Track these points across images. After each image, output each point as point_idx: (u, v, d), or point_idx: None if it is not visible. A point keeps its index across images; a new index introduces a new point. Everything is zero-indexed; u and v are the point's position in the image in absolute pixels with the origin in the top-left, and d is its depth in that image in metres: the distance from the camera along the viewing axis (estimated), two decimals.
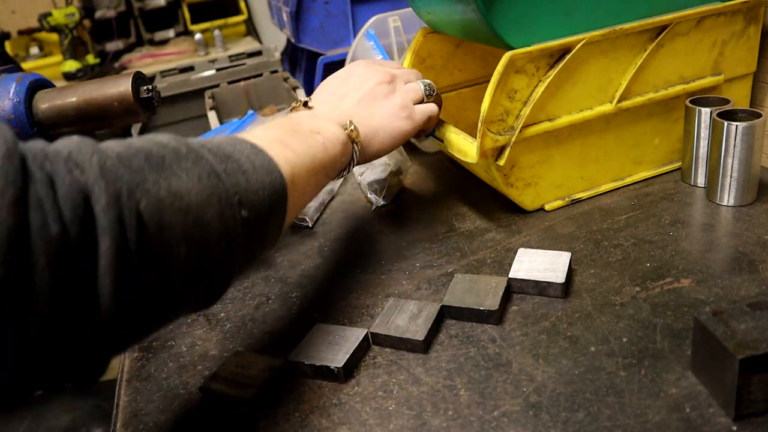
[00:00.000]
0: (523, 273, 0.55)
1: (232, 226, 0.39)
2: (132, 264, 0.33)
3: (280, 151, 0.47)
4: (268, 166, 0.44)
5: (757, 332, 0.39)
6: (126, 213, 0.33)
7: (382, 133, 0.60)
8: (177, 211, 0.36)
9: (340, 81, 0.62)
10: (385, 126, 0.60)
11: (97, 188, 0.32)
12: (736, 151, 0.61)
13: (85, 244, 0.31)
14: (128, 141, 0.38)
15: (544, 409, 0.43)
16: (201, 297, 0.40)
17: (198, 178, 0.38)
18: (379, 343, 0.52)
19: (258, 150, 0.45)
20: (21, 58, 2.65)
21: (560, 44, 0.61)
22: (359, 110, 0.59)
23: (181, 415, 0.49)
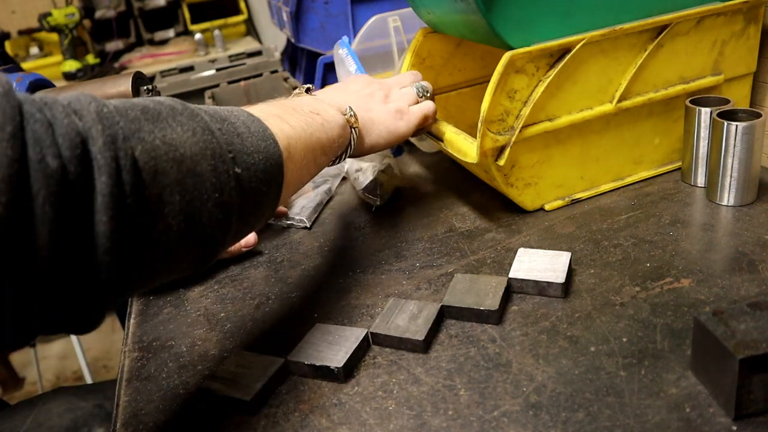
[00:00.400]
0: (523, 273, 0.55)
1: (225, 180, 0.40)
2: (128, 205, 0.34)
3: (277, 124, 0.48)
4: (264, 133, 0.45)
5: (757, 332, 0.39)
6: (122, 155, 0.34)
7: (379, 127, 0.62)
8: (171, 160, 0.37)
9: (340, 85, 0.67)
10: (382, 121, 0.62)
11: (94, 131, 0.33)
12: (736, 151, 0.61)
13: (83, 182, 0.32)
14: (126, 99, 0.39)
15: (544, 409, 0.43)
16: (195, 253, 0.40)
17: (192, 132, 0.39)
18: (379, 343, 0.52)
19: (254, 119, 0.46)
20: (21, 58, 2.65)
21: (560, 44, 0.61)
22: (359, 103, 0.62)
23: (181, 415, 0.49)
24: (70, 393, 0.79)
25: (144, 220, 0.35)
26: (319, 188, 0.82)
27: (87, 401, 0.77)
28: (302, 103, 0.55)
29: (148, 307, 0.64)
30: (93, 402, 0.77)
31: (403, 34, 0.96)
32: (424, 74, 0.81)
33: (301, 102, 0.55)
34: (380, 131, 0.62)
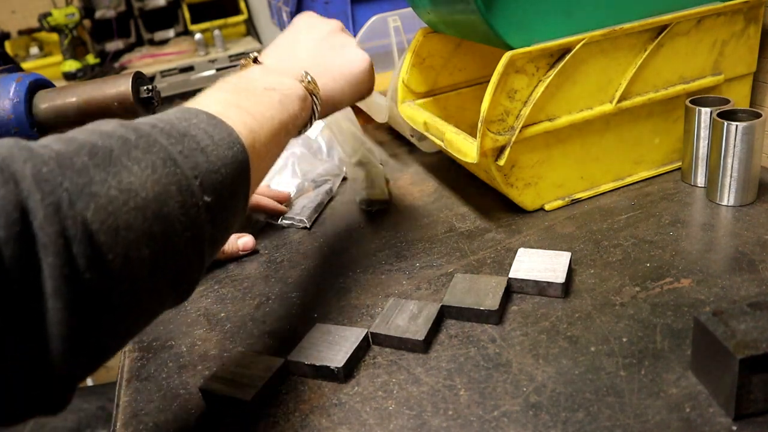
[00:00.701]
0: (523, 273, 0.55)
1: (195, 214, 0.36)
2: (85, 281, 0.29)
3: (238, 118, 0.43)
4: (229, 138, 0.40)
5: (757, 332, 0.39)
6: (69, 225, 0.29)
7: (341, 82, 0.56)
8: (132, 209, 0.32)
9: (289, 34, 0.59)
10: (344, 73, 0.57)
11: (32, 201, 0.28)
12: (736, 151, 0.61)
13: (27, 264, 0.27)
14: (70, 134, 0.34)
15: (544, 409, 0.43)
16: (171, 296, 0.37)
17: (152, 169, 0.34)
18: (379, 343, 0.52)
19: (215, 121, 0.41)
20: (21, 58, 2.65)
21: (560, 44, 0.61)
22: (315, 59, 0.55)
23: (181, 415, 0.49)
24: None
25: (108, 288, 0.31)
26: (320, 188, 0.82)
27: (90, 403, 0.77)
28: (254, 79, 0.49)
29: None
30: (96, 404, 0.77)
31: (403, 34, 0.96)
32: (424, 74, 0.82)
33: (253, 78, 0.49)
34: (343, 86, 0.56)
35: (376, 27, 0.99)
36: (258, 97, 0.47)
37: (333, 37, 0.58)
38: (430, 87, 0.83)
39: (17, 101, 0.58)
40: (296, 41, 0.57)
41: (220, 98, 0.45)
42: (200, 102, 0.44)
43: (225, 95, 0.46)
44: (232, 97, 0.46)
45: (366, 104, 0.95)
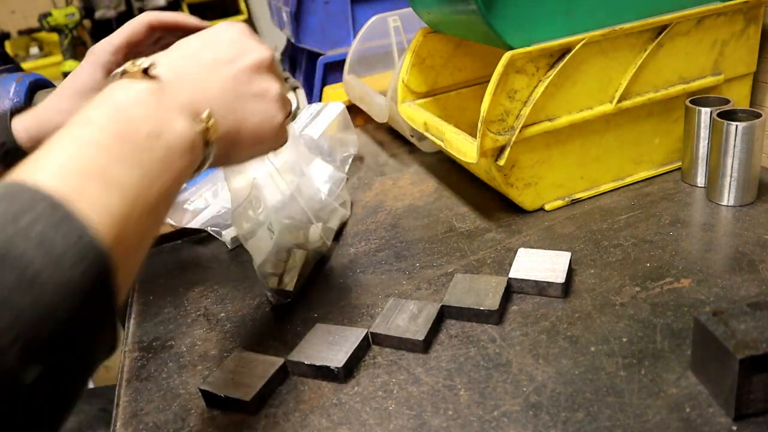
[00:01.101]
0: (523, 273, 0.55)
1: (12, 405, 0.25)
2: None
3: (98, 199, 0.30)
4: (77, 246, 0.28)
5: (757, 332, 0.39)
6: None
7: (247, 140, 0.43)
8: None
9: (206, 43, 0.43)
10: (254, 132, 0.43)
11: None
12: (736, 151, 0.61)
13: None
14: None
15: (544, 409, 0.43)
16: None
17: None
18: (379, 343, 0.52)
19: (60, 215, 0.28)
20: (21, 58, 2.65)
21: (560, 44, 0.61)
22: (227, 101, 0.41)
23: (181, 415, 0.49)
24: None
25: None
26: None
27: (91, 405, 0.77)
28: (135, 117, 0.35)
29: (148, 307, 0.64)
30: (97, 406, 0.77)
31: (403, 34, 0.96)
32: (424, 74, 0.82)
33: (134, 116, 0.35)
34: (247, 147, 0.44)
35: (376, 27, 0.99)
36: (135, 152, 0.33)
37: (257, 79, 0.43)
38: (430, 87, 0.83)
39: (17, 101, 0.59)
40: (213, 64, 0.42)
41: (78, 161, 0.31)
42: (45, 166, 0.30)
43: (87, 151, 0.32)
44: (97, 157, 0.32)
45: (366, 104, 0.95)
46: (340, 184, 0.75)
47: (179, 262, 0.72)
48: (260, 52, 0.44)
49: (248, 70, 0.43)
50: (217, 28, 0.45)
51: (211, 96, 0.40)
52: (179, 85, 0.39)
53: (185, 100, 0.38)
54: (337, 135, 0.89)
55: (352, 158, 0.89)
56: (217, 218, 0.76)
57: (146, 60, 0.38)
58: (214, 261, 0.71)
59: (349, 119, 0.90)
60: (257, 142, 0.44)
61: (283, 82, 0.47)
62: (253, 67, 0.43)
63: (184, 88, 0.39)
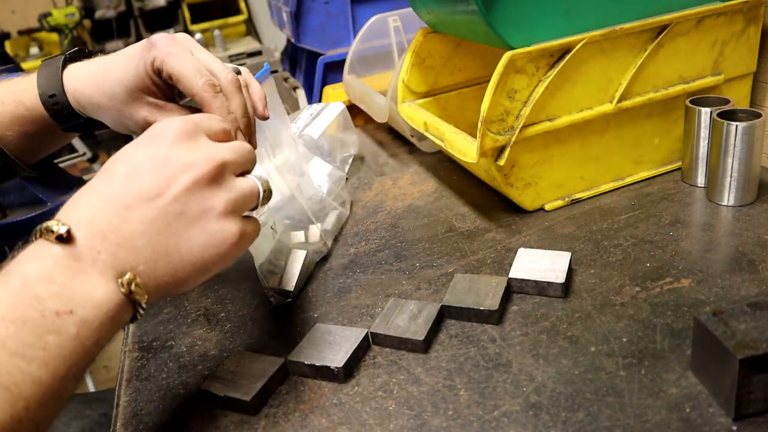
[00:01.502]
0: (523, 273, 0.55)
1: None
2: None
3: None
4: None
5: (757, 332, 0.39)
6: None
7: (186, 272, 0.39)
8: None
9: (130, 174, 0.38)
10: (194, 262, 0.39)
11: None
12: (736, 151, 0.61)
13: None
14: None
15: (544, 409, 0.43)
16: None
17: None
18: (379, 343, 0.52)
19: None
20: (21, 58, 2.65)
21: (560, 44, 0.61)
22: (154, 239, 0.37)
23: (181, 415, 0.49)
24: (78, 401, 0.79)
25: None
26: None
27: (93, 409, 0.77)
28: (40, 292, 0.33)
29: (148, 307, 0.64)
30: (99, 410, 0.77)
31: (403, 34, 0.96)
32: (424, 74, 0.81)
33: (39, 291, 0.33)
34: (187, 278, 0.39)
35: (376, 27, 0.99)
36: (38, 339, 0.32)
37: (193, 201, 0.38)
38: (430, 87, 0.83)
39: None
40: (136, 204, 0.37)
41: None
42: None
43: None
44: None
45: (366, 104, 0.95)
46: (340, 183, 0.75)
47: None
48: (195, 169, 0.38)
49: (180, 197, 0.38)
50: (143, 142, 0.39)
51: (137, 246, 0.36)
52: (99, 245, 0.35)
53: (105, 262, 0.35)
54: (337, 135, 0.89)
55: (352, 158, 0.89)
56: None
57: (62, 225, 0.35)
58: None
59: (350, 119, 0.90)
60: (205, 270, 0.39)
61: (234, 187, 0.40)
62: (186, 191, 0.38)
63: (105, 249, 0.35)
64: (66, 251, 0.35)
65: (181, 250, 0.38)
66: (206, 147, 0.40)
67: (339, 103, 0.91)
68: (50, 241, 0.35)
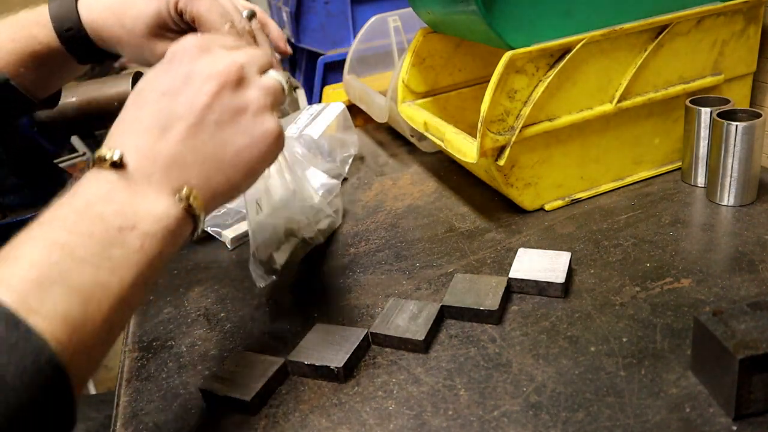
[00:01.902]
0: (523, 273, 0.55)
1: None
2: None
3: (60, 309, 0.30)
4: (33, 365, 0.28)
5: (757, 332, 0.39)
6: None
7: (236, 173, 0.40)
8: None
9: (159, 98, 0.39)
10: (241, 160, 0.40)
11: None
12: (736, 151, 0.61)
13: None
14: None
15: (544, 409, 0.43)
16: None
17: None
18: (379, 343, 0.52)
19: (16, 336, 0.29)
20: None
21: (560, 44, 0.61)
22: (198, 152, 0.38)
23: (181, 415, 0.49)
24: (83, 403, 0.79)
25: None
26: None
27: (99, 412, 0.77)
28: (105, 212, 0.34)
29: (148, 307, 0.64)
30: (104, 413, 0.77)
31: (403, 34, 0.96)
32: (424, 74, 0.82)
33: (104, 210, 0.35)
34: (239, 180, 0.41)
35: (376, 27, 0.99)
36: (105, 249, 0.33)
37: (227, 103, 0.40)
38: (430, 87, 0.83)
39: None
40: (174, 122, 0.38)
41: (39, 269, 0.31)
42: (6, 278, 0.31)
43: (50, 256, 0.32)
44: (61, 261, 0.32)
45: (366, 104, 0.95)
46: (334, 191, 0.75)
47: (179, 262, 0.72)
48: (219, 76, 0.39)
49: (213, 106, 0.39)
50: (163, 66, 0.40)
51: (187, 163, 0.38)
52: (150, 168, 0.37)
53: (160, 182, 0.37)
54: (338, 135, 0.89)
55: (352, 158, 0.89)
56: (217, 218, 0.76)
57: (115, 150, 0.36)
58: (214, 261, 0.71)
59: (350, 119, 0.90)
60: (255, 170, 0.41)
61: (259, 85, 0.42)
62: (216, 99, 0.39)
63: (156, 170, 0.37)
64: (121, 175, 0.36)
65: (228, 156, 0.39)
66: (224, 55, 0.41)
67: (339, 103, 0.91)
68: (105, 168, 0.36)
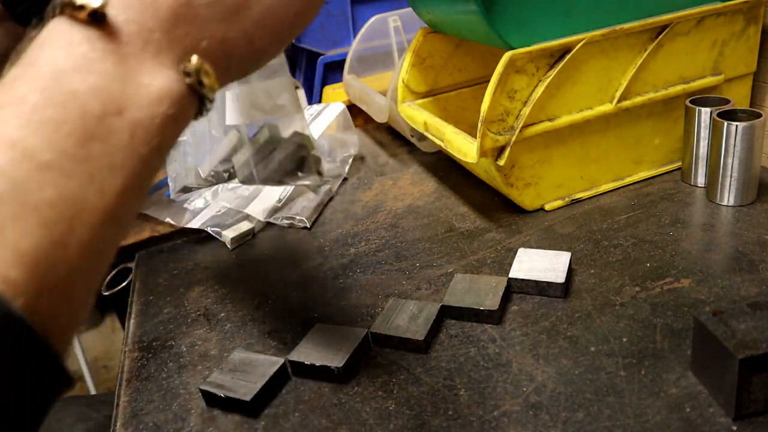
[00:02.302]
0: (523, 273, 0.55)
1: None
2: None
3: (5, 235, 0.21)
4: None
5: (757, 332, 0.39)
6: None
7: (261, 42, 0.30)
8: None
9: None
10: (271, 22, 0.30)
11: None
12: (736, 151, 0.61)
13: None
14: None
15: (544, 409, 0.43)
16: None
17: None
18: (379, 343, 0.52)
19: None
20: None
21: (560, 44, 0.61)
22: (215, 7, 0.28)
23: (181, 415, 0.49)
24: (83, 403, 0.79)
25: None
26: (320, 188, 0.82)
27: (99, 412, 0.77)
28: (80, 93, 0.24)
29: (148, 307, 0.64)
30: (104, 413, 0.77)
31: (403, 34, 0.96)
32: (424, 74, 0.82)
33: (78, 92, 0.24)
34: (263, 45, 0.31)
35: (376, 27, 0.99)
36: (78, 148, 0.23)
37: None
38: (430, 87, 0.83)
39: None
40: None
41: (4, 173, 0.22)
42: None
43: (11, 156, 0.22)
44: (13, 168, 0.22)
45: (366, 104, 0.95)
46: None
47: (179, 262, 0.72)
48: None
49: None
50: None
51: (199, 15, 0.27)
52: (149, 20, 0.26)
53: (161, 44, 0.26)
54: (338, 135, 0.89)
55: (352, 158, 0.89)
56: (217, 218, 0.76)
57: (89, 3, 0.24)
58: (214, 261, 0.71)
59: (350, 119, 0.90)
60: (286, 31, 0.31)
61: None
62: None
63: (158, 25, 0.26)
64: (103, 33, 0.25)
65: (252, 9, 0.29)
66: None
67: (339, 103, 0.91)
68: (78, 21, 0.24)
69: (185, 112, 0.27)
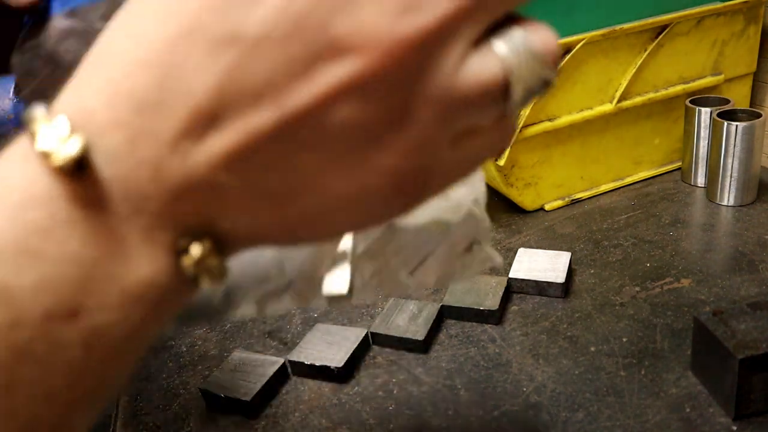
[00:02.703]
0: (523, 273, 0.55)
1: None
2: None
3: None
4: None
5: (757, 332, 0.39)
6: None
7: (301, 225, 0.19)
8: None
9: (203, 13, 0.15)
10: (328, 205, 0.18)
11: None
12: (736, 151, 0.61)
13: None
14: None
15: (544, 409, 0.43)
16: None
17: None
18: (379, 343, 0.52)
19: None
20: None
21: (560, 44, 0.61)
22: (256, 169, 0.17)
23: (181, 415, 0.49)
24: None
25: None
26: None
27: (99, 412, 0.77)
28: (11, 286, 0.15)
29: None
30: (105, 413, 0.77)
31: None
32: None
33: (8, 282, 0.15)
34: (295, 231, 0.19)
35: None
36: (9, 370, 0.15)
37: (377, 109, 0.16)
38: None
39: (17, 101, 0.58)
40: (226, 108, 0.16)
41: None
42: None
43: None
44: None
45: None
46: None
47: None
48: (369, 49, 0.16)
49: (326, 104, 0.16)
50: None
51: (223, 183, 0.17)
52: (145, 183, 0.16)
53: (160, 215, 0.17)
54: None
55: None
56: None
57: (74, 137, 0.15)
58: None
59: None
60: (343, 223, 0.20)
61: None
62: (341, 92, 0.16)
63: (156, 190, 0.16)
64: (79, 189, 0.16)
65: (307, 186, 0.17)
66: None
67: None
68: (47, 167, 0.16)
69: (172, 300, 0.18)
